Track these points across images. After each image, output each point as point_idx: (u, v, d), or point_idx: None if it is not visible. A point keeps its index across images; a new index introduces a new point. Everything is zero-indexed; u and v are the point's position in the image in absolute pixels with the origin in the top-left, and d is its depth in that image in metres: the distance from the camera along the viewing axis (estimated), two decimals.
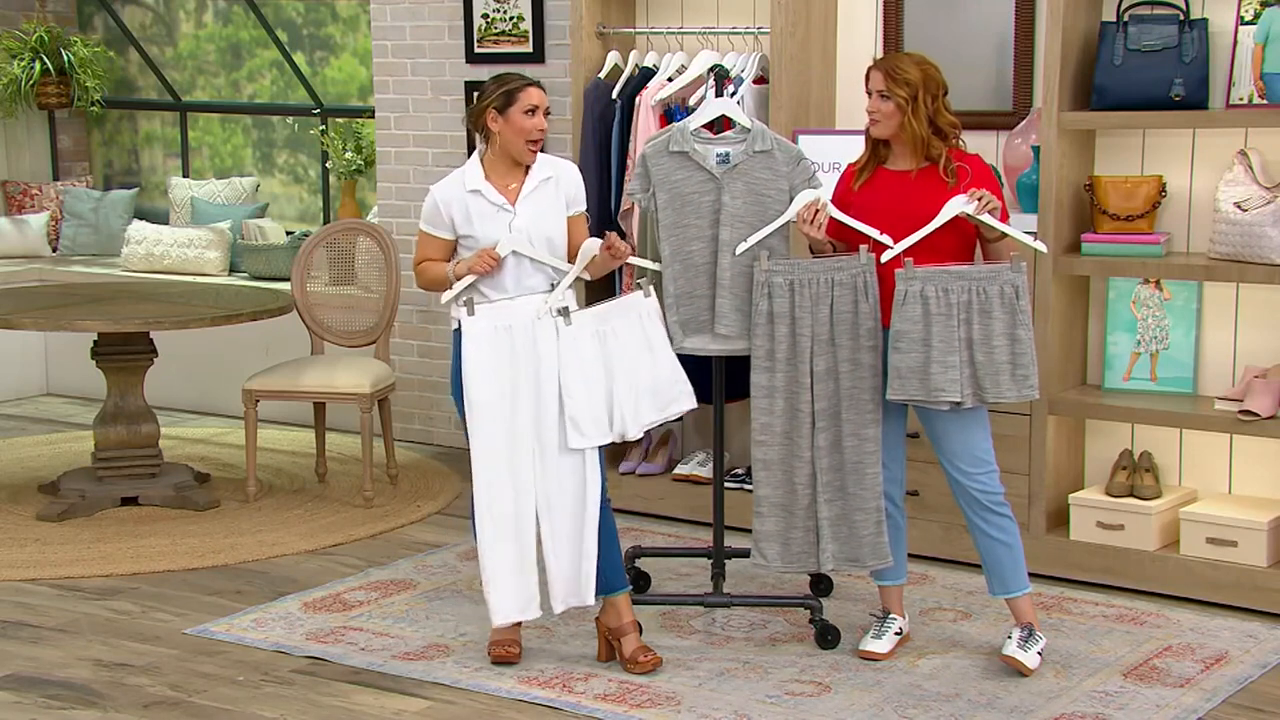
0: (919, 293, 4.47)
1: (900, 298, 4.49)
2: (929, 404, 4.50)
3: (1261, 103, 5.11)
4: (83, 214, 8.97)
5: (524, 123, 4.55)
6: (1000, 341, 4.48)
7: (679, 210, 4.81)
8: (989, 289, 4.48)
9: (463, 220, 4.61)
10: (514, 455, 4.55)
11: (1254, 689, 4.53)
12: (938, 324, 4.46)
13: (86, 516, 6.27)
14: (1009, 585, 4.68)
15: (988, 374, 4.48)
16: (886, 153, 4.65)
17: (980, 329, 4.48)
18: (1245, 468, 5.41)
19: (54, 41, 8.86)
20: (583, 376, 4.56)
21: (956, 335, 4.47)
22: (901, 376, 4.49)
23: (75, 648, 4.91)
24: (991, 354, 4.48)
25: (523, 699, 4.48)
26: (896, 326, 4.49)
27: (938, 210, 4.49)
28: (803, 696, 4.47)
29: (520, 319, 4.56)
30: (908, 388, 4.49)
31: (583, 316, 4.61)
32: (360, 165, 8.03)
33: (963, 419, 4.57)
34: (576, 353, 4.56)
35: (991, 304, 4.48)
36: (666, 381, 4.69)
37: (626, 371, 4.62)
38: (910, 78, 4.51)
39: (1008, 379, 4.49)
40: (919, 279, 4.47)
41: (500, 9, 6.94)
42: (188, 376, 8.06)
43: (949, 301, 4.47)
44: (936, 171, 4.56)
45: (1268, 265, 5.03)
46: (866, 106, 4.59)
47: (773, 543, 4.75)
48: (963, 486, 4.62)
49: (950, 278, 4.47)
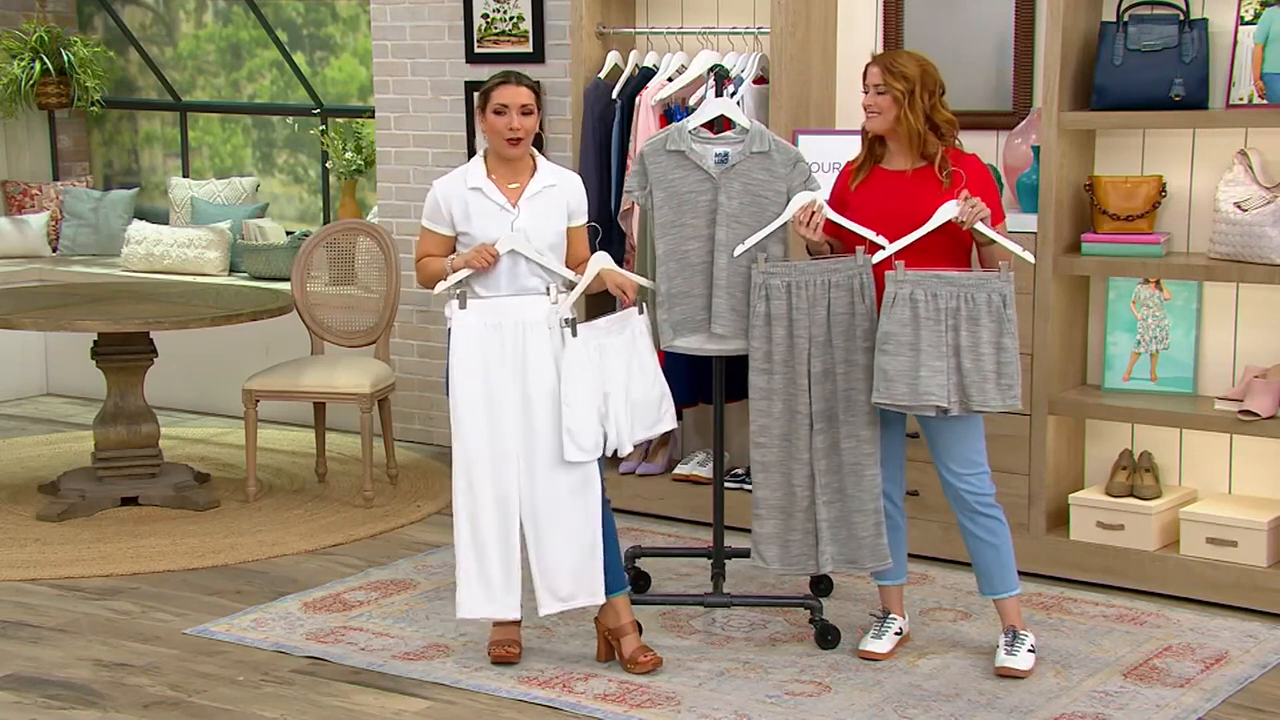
0: (908, 296, 4.47)
1: (889, 300, 4.48)
2: (914, 409, 4.50)
3: (1261, 103, 5.11)
4: (83, 214, 8.97)
5: (495, 122, 4.57)
6: (987, 350, 4.49)
7: (675, 209, 4.81)
8: (977, 296, 4.48)
9: (461, 217, 4.62)
10: (495, 455, 4.57)
11: (1254, 689, 4.53)
12: (926, 328, 4.46)
13: (86, 516, 6.27)
14: (995, 586, 4.68)
15: (974, 381, 4.48)
16: (883, 151, 4.66)
17: (968, 336, 4.48)
18: (1245, 468, 5.41)
19: (54, 41, 8.86)
20: (584, 389, 4.56)
21: (945, 341, 4.48)
22: (889, 379, 4.48)
23: (75, 648, 4.91)
24: (979, 361, 4.48)
25: (523, 699, 4.48)
26: (885, 328, 4.49)
27: (932, 210, 4.49)
28: (803, 696, 4.47)
29: (510, 318, 4.56)
30: (894, 391, 4.48)
31: (585, 330, 4.61)
32: (360, 165, 8.03)
33: (958, 421, 4.57)
34: (579, 365, 4.56)
35: (979, 311, 4.48)
36: (655, 399, 4.70)
37: (620, 387, 4.62)
38: (908, 72, 4.51)
39: (993, 387, 4.49)
40: (909, 282, 4.47)
41: (500, 9, 6.94)
42: (188, 376, 8.06)
43: (938, 307, 4.47)
44: (932, 171, 4.57)
45: (1268, 265, 5.03)
46: (864, 101, 4.59)
47: (772, 544, 4.75)
48: (952, 487, 4.63)
49: (940, 283, 4.47)
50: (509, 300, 4.58)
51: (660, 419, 4.73)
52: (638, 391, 4.66)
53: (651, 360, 4.71)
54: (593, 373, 4.57)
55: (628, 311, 4.71)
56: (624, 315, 4.71)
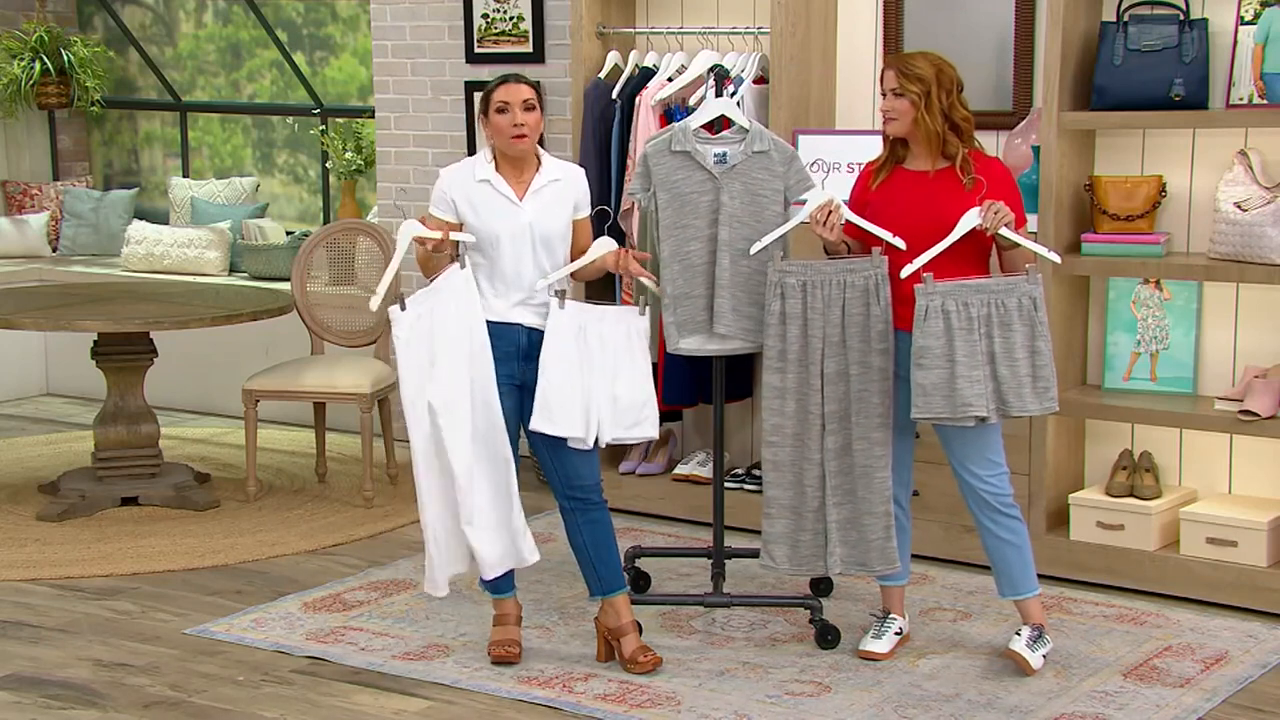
0: (939, 307, 4.43)
1: (921, 313, 4.44)
2: (955, 421, 4.47)
3: (1261, 103, 5.11)
4: (83, 214, 8.97)
5: (498, 121, 4.58)
6: (1021, 354, 4.46)
7: (678, 210, 4.81)
8: (1007, 302, 4.45)
9: (466, 207, 4.62)
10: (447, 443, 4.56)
11: (1254, 689, 4.53)
12: (960, 339, 4.43)
13: (86, 516, 6.27)
14: (1018, 587, 4.67)
15: (1011, 388, 4.45)
16: (905, 152, 4.63)
17: (1002, 342, 4.45)
18: (1245, 468, 5.41)
19: (54, 41, 8.86)
20: (562, 364, 4.57)
21: (979, 349, 4.45)
22: (926, 394, 4.44)
23: (75, 648, 4.91)
24: (1015, 367, 4.45)
25: (523, 699, 4.48)
26: (919, 343, 4.45)
27: (955, 212, 4.47)
28: (803, 696, 4.47)
29: (441, 303, 4.55)
30: (933, 405, 4.44)
31: (573, 307, 4.61)
32: (360, 165, 8.03)
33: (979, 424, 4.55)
34: (558, 340, 4.57)
35: (1011, 317, 4.46)
36: (638, 403, 4.68)
37: (602, 377, 4.62)
38: (923, 74, 4.50)
39: (1030, 392, 4.47)
40: (939, 294, 4.43)
41: (500, 9, 6.94)
42: (188, 376, 8.06)
43: (969, 315, 4.44)
44: (954, 172, 4.54)
45: (1268, 265, 5.03)
46: (881, 105, 4.58)
47: (781, 544, 4.74)
48: (972, 488, 4.61)
49: (969, 291, 4.44)
50: (445, 293, 4.57)
51: (639, 422, 4.69)
52: (622, 389, 4.65)
53: (644, 363, 4.70)
54: (568, 351, 4.57)
55: (630, 310, 4.70)
56: (626, 311, 4.71)
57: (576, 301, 4.66)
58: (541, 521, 6.07)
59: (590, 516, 4.69)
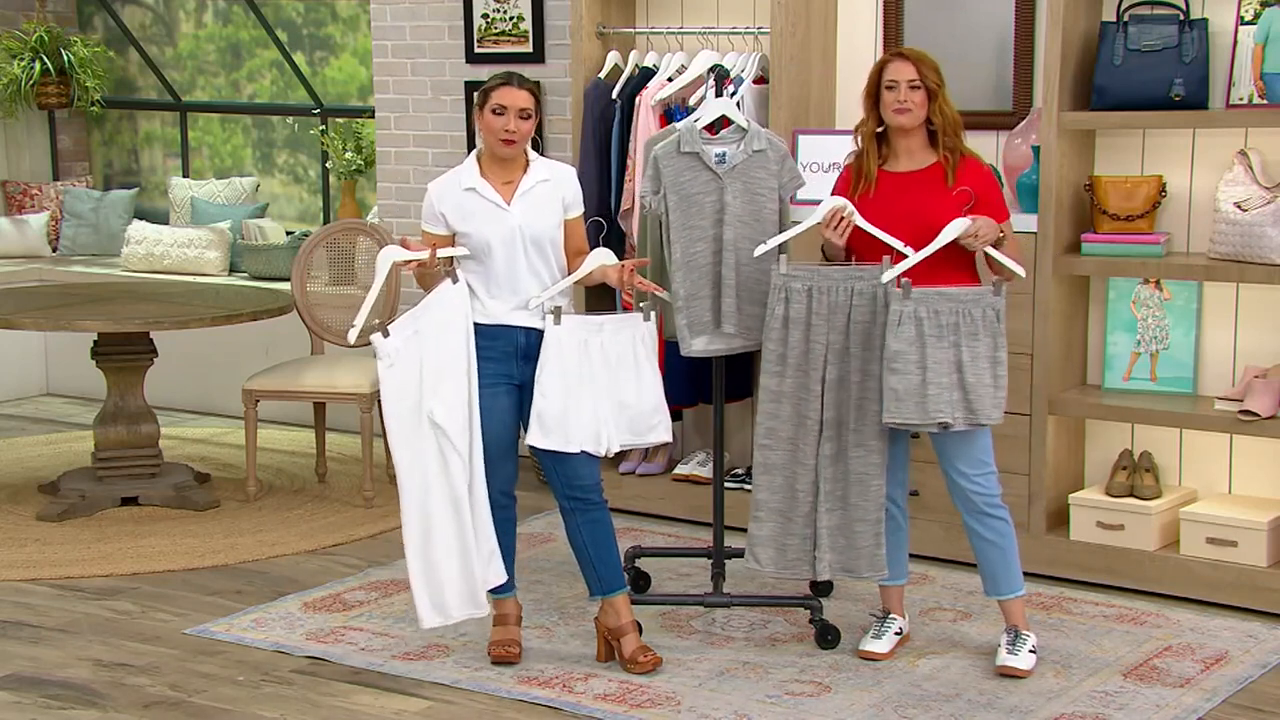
0: (913, 314, 4.46)
1: (896, 318, 4.46)
2: (923, 427, 4.49)
3: (1261, 103, 5.11)
4: (83, 214, 8.97)
5: (492, 122, 4.58)
6: (984, 364, 4.49)
7: (685, 212, 4.81)
8: (974, 312, 4.48)
9: (456, 217, 4.62)
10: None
11: (1254, 689, 4.53)
12: (931, 345, 4.46)
13: (86, 516, 6.27)
14: (1000, 587, 4.68)
15: (976, 395, 4.48)
16: (887, 152, 4.64)
17: (968, 351, 4.48)
18: (1245, 468, 5.41)
19: (54, 41, 8.86)
20: (562, 379, 4.56)
21: (947, 357, 4.48)
22: (899, 399, 4.47)
23: (75, 648, 4.91)
24: (980, 375, 4.48)
25: (523, 699, 4.48)
26: (893, 347, 4.46)
27: (940, 216, 4.48)
28: (803, 696, 4.47)
29: (432, 321, 4.56)
30: (904, 410, 4.46)
31: (573, 321, 4.60)
32: (360, 165, 8.03)
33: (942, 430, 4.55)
34: (559, 355, 4.56)
35: (977, 327, 4.48)
36: (648, 409, 4.68)
37: (608, 387, 4.62)
38: (936, 65, 4.54)
39: (989, 401, 4.50)
40: (914, 300, 4.46)
41: (500, 9, 6.94)
42: (188, 376, 8.06)
43: (940, 323, 4.47)
44: (937, 171, 4.56)
45: (1268, 265, 5.03)
46: (894, 98, 4.53)
47: (768, 547, 4.74)
48: (959, 488, 4.62)
49: (940, 299, 4.47)
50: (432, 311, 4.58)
51: (653, 428, 4.70)
52: (630, 395, 4.65)
53: (651, 368, 4.69)
54: (573, 366, 4.57)
55: (634, 315, 4.70)
56: (630, 318, 4.70)
57: (574, 315, 4.64)
58: (541, 521, 6.08)
59: (590, 516, 4.69)
